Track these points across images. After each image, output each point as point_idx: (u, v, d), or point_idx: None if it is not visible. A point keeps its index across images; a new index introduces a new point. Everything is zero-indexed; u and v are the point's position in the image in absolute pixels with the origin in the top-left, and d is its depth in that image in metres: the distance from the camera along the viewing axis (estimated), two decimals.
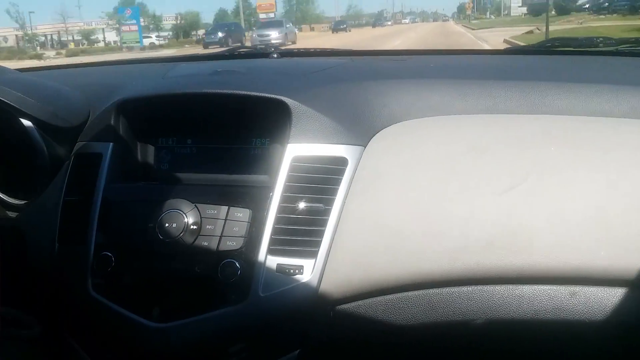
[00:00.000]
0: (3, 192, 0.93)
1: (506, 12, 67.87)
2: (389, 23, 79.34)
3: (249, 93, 0.83)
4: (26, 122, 0.85)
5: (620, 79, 0.91)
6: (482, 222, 0.72)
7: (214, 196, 0.80)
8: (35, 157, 0.88)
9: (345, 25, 50.20)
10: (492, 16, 67.86)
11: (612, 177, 0.72)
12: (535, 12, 29.81)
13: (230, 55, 1.45)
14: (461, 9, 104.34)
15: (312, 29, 65.84)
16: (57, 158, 0.89)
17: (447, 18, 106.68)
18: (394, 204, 0.75)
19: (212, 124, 0.89)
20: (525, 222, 0.71)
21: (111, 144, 0.86)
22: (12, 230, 0.90)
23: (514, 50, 1.39)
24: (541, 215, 0.71)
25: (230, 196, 0.80)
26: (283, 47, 1.47)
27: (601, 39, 1.22)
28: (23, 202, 0.92)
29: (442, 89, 0.86)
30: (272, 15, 52.91)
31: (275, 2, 56.46)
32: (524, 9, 63.27)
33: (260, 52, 1.41)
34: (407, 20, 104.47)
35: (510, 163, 0.75)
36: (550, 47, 1.27)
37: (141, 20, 35.57)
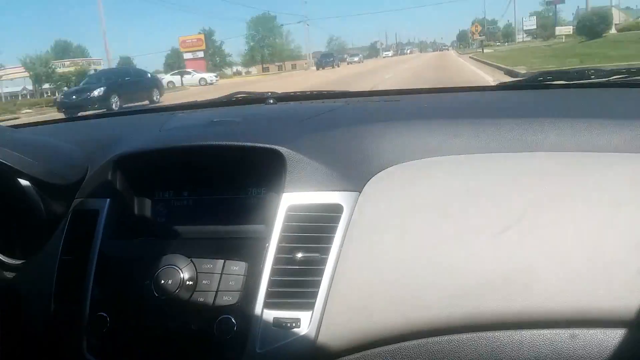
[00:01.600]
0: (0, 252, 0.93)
1: (510, 39, 64.85)
2: (389, 54, 77.82)
3: (244, 144, 0.84)
4: (24, 182, 0.86)
5: (612, 112, 0.91)
6: (480, 266, 0.71)
7: (210, 250, 0.80)
8: (32, 216, 0.88)
9: (332, 59, 41.48)
10: (506, 43, 63.07)
11: (607, 215, 0.71)
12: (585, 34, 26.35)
13: (228, 101, 1.47)
14: (462, 36, 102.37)
15: (293, 67, 59.95)
16: (54, 215, 0.89)
17: (446, 47, 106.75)
18: (391, 250, 0.74)
19: (209, 175, 0.90)
20: (522, 264, 0.70)
21: (108, 199, 0.87)
22: (8, 291, 0.89)
23: (505, 86, 1.39)
24: (538, 257, 0.70)
25: (226, 249, 0.79)
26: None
27: (593, 70, 1.22)
28: (20, 261, 0.92)
29: (435, 130, 0.87)
30: (200, 54, 46.50)
31: (206, 37, 48.99)
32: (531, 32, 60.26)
33: (257, 98, 1.42)
34: (408, 51, 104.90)
35: (505, 203, 0.75)
36: (542, 82, 1.28)
37: None
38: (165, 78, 36.83)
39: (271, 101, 1.32)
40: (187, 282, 0.77)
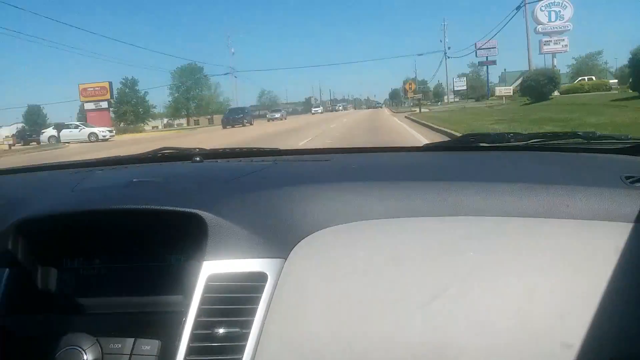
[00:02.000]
0: None
1: (440, 99, 65.57)
2: (319, 110, 75.43)
3: (163, 208, 0.80)
4: None
5: (532, 176, 0.93)
6: (407, 340, 0.69)
7: (120, 326, 0.74)
8: None
9: (242, 115, 36.10)
10: (439, 102, 62.70)
11: (530, 283, 0.71)
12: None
13: (154, 157, 1.41)
14: (394, 94, 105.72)
15: (196, 122, 55.55)
16: None
17: (380, 105, 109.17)
18: (317, 323, 0.71)
19: (124, 240, 0.84)
20: (450, 337, 0.69)
21: (7, 269, 0.80)
22: None
23: (432, 147, 1.41)
24: (466, 329, 0.69)
25: (138, 325, 0.74)
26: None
27: (512, 134, 1.28)
28: None
29: (362, 193, 0.85)
30: (104, 104, 41.06)
31: (111, 85, 42.27)
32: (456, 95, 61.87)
33: (183, 154, 1.38)
34: (340, 107, 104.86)
35: (432, 271, 0.73)
36: (466, 144, 1.32)
37: None
38: (46, 132, 31.71)
39: (197, 158, 1.27)
40: None
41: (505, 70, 72.29)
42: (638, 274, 0.70)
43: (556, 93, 26.07)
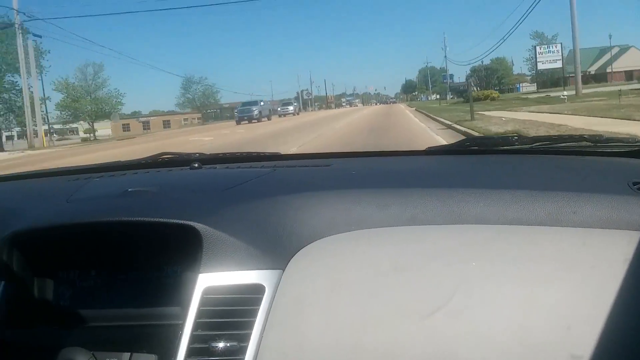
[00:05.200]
0: None
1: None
2: (291, 110, 49.83)
3: (158, 220, 0.79)
4: None
5: (535, 182, 0.92)
6: (408, 353, 0.68)
7: (116, 339, 0.73)
8: None
9: (256, 110, 31.33)
10: (453, 96, 48.94)
11: (532, 292, 0.70)
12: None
13: (153, 162, 1.40)
14: (408, 87, 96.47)
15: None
16: None
17: (392, 100, 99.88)
18: (316, 335, 0.69)
19: (119, 252, 0.84)
20: (452, 350, 0.67)
21: (2, 282, 0.79)
22: None
23: (435, 151, 1.39)
24: (468, 341, 0.67)
25: (134, 339, 0.73)
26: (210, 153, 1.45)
27: (516, 137, 1.26)
28: None
29: (363, 201, 0.84)
30: None
31: None
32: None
33: (182, 160, 1.36)
34: (345, 103, 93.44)
35: (434, 281, 0.72)
36: (468, 147, 1.29)
37: None
38: None
39: (196, 165, 1.25)
40: None
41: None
42: None
43: None
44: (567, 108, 15.80)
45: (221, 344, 0.69)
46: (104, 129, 45.70)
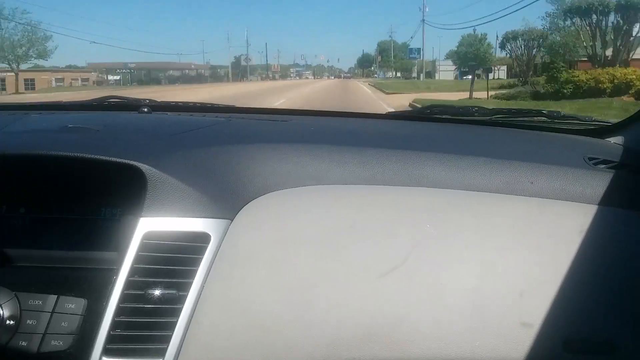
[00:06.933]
0: None
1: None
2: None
3: (98, 157, 0.72)
4: None
5: (494, 151, 0.91)
6: (360, 311, 0.66)
7: (43, 281, 0.68)
8: None
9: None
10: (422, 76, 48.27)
11: (487, 257, 0.69)
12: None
13: (99, 105, 1.31)
14: (364, 61, 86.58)
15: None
16: None
17: (348, 75, 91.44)
18: (262, 290, 0.67)
19: (54, 190, 0.78)
20: (404, 311, 0.66)
21: None
22: None
23: (396, 115, 1.40)
24: (421, 303, 0.67)
25: (62, 282, 0.68)
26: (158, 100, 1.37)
27: (476, 108, 1.26)
28: None
29: (319, 156, 0.81)
30: None
31: None
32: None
33: (130, 104, 1.28)
34: (294, 74, 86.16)
35: (389, 241, 0.71)
36: (429, 114, 1.29)
37: None
38: None
39: (145, 110, 1.18)
40: (7, 322, 0.65)
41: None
42: (598, 257, 0.70)
43: None
44: None
45: (158, 291, 0.65)
46: None
